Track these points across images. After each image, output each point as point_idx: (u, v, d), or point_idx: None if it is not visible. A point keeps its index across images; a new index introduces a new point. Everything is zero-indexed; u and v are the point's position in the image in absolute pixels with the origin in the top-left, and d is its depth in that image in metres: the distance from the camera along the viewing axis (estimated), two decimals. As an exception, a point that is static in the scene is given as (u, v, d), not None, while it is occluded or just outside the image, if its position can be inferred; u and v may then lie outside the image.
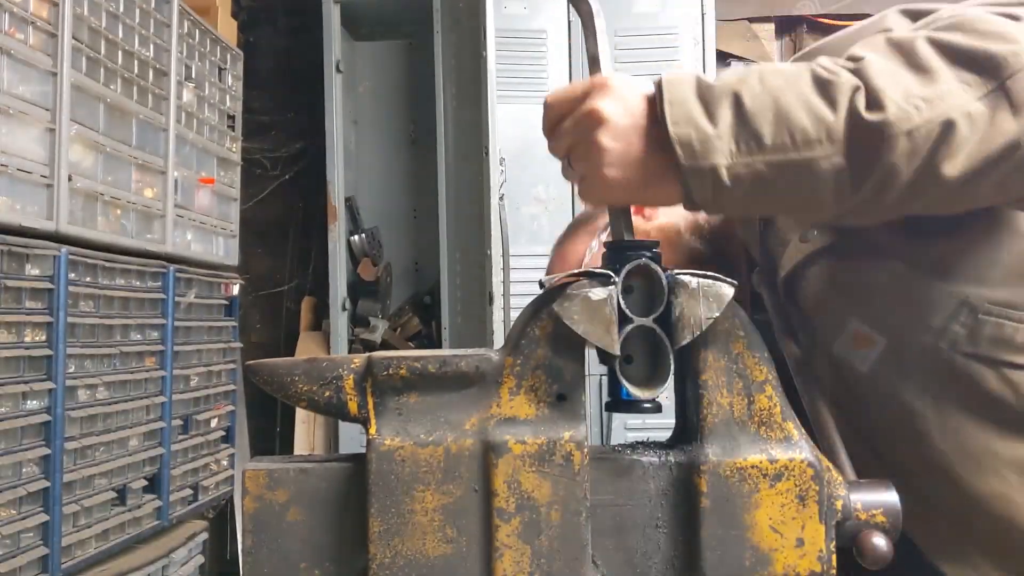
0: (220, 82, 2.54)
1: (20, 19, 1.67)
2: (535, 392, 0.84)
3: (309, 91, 3.42)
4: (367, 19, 3.41)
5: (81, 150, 1.87)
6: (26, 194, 1.70)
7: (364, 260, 3.27)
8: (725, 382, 0.83)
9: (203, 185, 2.44)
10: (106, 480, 1.94)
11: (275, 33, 3.79)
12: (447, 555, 0.82)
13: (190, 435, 2.34)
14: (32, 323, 1.69)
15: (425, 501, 0.82)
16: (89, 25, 1.88)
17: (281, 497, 0.85)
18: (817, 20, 4.08)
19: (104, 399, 1.93)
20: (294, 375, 0.86)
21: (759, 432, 0.83)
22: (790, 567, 0.81)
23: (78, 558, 1.82)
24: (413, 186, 3.49)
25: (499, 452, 0.81)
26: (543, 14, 3.17)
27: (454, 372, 0.84)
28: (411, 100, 3.50)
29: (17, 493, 1.63)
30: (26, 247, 1.65)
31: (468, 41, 2.90)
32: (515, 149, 3.05)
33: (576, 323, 0.80)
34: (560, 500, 0.81)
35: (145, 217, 2.13)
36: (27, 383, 1.66)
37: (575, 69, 3.17)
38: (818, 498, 0.81)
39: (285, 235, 3.74)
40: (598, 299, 0.80)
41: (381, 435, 0.83)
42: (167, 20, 2.20)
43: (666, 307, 0.82)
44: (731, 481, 0.81)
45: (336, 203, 3.17)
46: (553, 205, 3.15)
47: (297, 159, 3.72)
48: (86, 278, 1.86)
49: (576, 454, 0.82)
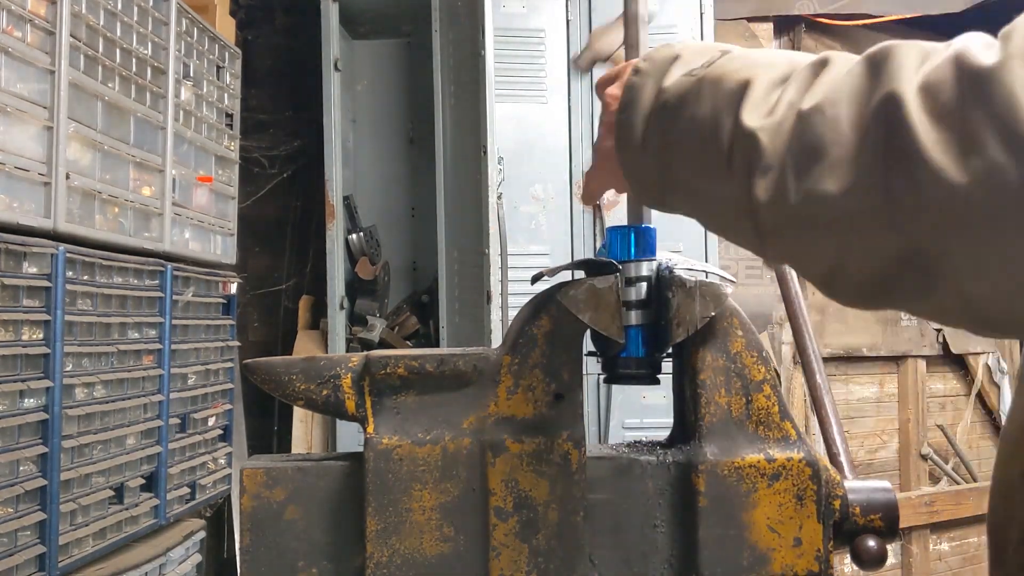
0: (218, 80, 2.54)
1: (18, 17, 1.67)
2: (533, 391, 0.84)
3: (307, 89, 3.41)
4: (365, 17, 3.41)
5: (79, 148, 1.87)
6: (23, 192, 1.69)
7: (362, 259, 3.26)
8: (723, 381, 0.83)
9: (201, 183, 2.44)
10: (103, 478, 1.94)
11: (273, 31, 3.78)
12: (445, 554, 0.82)
13: (187, 434, 2.33)
14: (29, 321, 1.68)
15: (423, 500, 0.82)
16: (87, 23, 1.87)
17: (278, 496, 0.85)
18: (815, 19, 4.09)
19: (101, 397, 1.93)
20: (292, 374, 0.86)
21: (757, 431, 0.83)
22: (788, 567, 0.81)
23: (75, 556, 1.82)
24: (411, 185, 3.49)
25: (497, 451, 0.82)
26: (541, 13, 3.17)
27: (452, 371, 0.84)
28: (409, 99, 3.50)
29: (14, 491, 1.63)
30: (23, 245, 1.65)
31: (466, 40, 2.89)
32: (513, 148, 3.05)
33: (582, 311, 0.80)
34: (558, 499, 0.82)
35: (143, 215, 2.12)
36: (24, 381, 1.66)
37: (573, 68, 3.16)
38: (816, 498, 0.81)
39: (283, 233, 3.74)
40: (603, 287, 0.81)
41: (379, 434, 0.83)
42: (165, 18, 2.20)
43: (663, 304, 0.82)
44: (729, 480, 0.81)
45: (334, 201, 3.17)
46: (551, 204, 3.15)
47: (295, 157, 3.72)
48: (83, 276, 1.86)
49: (574, 453, 0.82)
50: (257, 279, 3.68)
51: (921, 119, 0.53)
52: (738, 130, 0.62)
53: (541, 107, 3.15)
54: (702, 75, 0.69)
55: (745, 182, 0.62)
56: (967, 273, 0.54)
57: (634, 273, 0.83)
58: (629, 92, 0.74)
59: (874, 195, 0.55)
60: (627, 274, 0.83)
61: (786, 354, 3.98)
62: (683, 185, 0.70)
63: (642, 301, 0.83)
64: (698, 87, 0.68)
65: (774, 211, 0.61)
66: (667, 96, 0.71)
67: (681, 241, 2.97)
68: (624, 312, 0.82)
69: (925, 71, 0.55)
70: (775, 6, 3.98)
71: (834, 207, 0.57)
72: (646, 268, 0.84)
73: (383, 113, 3.52)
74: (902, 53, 0.57)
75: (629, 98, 0.74)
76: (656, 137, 0.71)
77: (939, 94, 0.53)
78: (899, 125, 0.54)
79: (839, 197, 0.56)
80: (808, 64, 0.64)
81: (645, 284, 0.84)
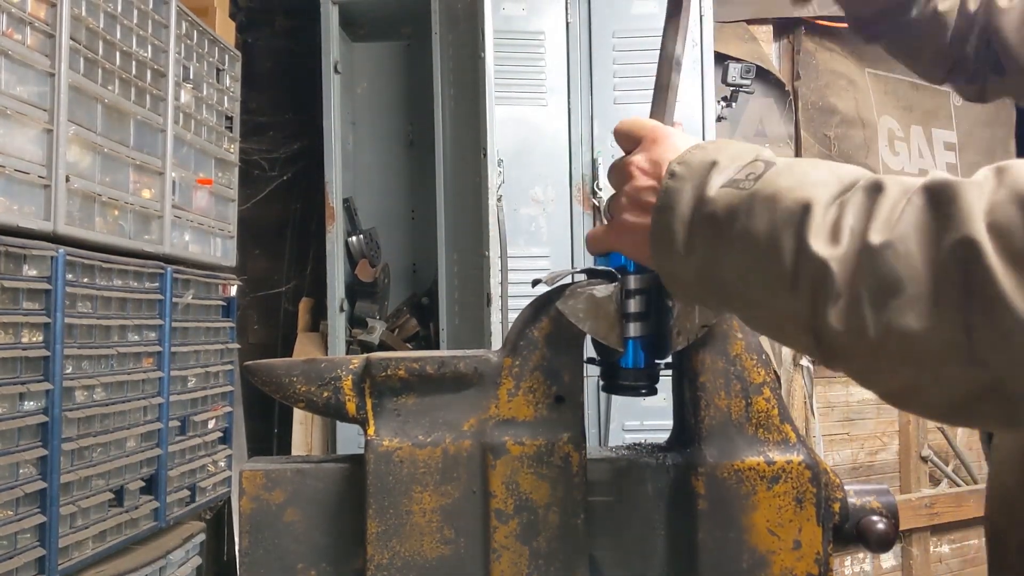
0: (218, 83, 2.54)
1: (18, 20, 1.67)
2: (533, 393, 0.84)
3: (307, 92, 3.42)
4: (365, 20, 3.41)
5: (79, 151, 1.87)
6: (23, 195, 1.69)
7: (362, 261, 3.26)
8: (723, 384, 0.83)
9: (201, 186, 2.44)
10: (103, 481, 1.94)
11: (273, 34, 3.79)
12: (445, 556, 0.82)
13: (187, 436, 2.33)
14: (29, 324, 1.68)
15: (423, 502, 0.82)
16: (87, 26, 1.87)
17: (278, 498, 0.85)
18: (815, 22, 4.09)
19: (101, 400, 1.93)
20: (292, 376, 0.86)
21: (757, 434, 0.83)
22: (787, 569, 0.81)
23: (75, 559, 1.82)
24: (411, 187, 3.49)
25: (497, 453, 0.82)
26: (541, 15, 3.17)
27: (452, 373, 0.84)
28: (409, 101, 3.50)
29: (14, 494, 1.63)
30: (23, 248, 1.65)
31: (466, 42, 2.90)
32: (513, 150, 3.05)
33: (581, 320, 0.80)
34: (558, 501, 0.82)
35: (143, 218, 2.13)
36: (24, 384, 1.66)
37: (573, 70, 3.17)
38: (815, 500, 0.81)
39: (283, 236, 3.74)
40: (603, 296, 0.81)
41: (379, 436, 0.83)
42: (165, 21, 2.20)
43: (663, 312, 0.82)
44: (729, 483, 0.81)
45: (334, 204, 3.17)
46: (551, 206, 3.15)
47: (295, 160, 3.72)
48: (83, 279, 1.86)
49: (574, 455, 0.82)
50: (257, 281, 3.68)
51: (998, 264, 0.57)
52: (805, 255, 0.65)
53: (541, 109, 3.15)
54: (752, 190, 0.70)
55: (814, 305, 0.65)
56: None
57: (634, 285, 0.83)
58: (666, 196, 0.75)
59: (955, 332, 0.59)
60: (627, 286, 0.83)
61: (786, 357, 3.98)
62: (735, 295, 0.72)
63: (642, 313, 0.83)
64: (750, 203, 0.70)
65: (850, 340, 0.64)
66: (714, 208, 0.72)
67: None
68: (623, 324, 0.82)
69: (988, 209, 0.59)
70: (774, 8, 3.98)
71: (915, 342, 0.61)
72: (646, 280, 0.84)
73: (383, 115, 3.52)
74: (965, 193, 0.60)
75: (666, 202, 0.75)
76: (702, 247, 0.73)
77: (1012, 238, 0.57)
78: (977, 269, 0.58)
79: (920, 333, 0.60)
80: (862, 188, 0.66)
81: (645, 296, 0.84)
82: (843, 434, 4.16)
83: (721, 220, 0.71)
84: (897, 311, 0.61)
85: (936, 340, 0.60)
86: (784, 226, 0.67)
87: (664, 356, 0.85)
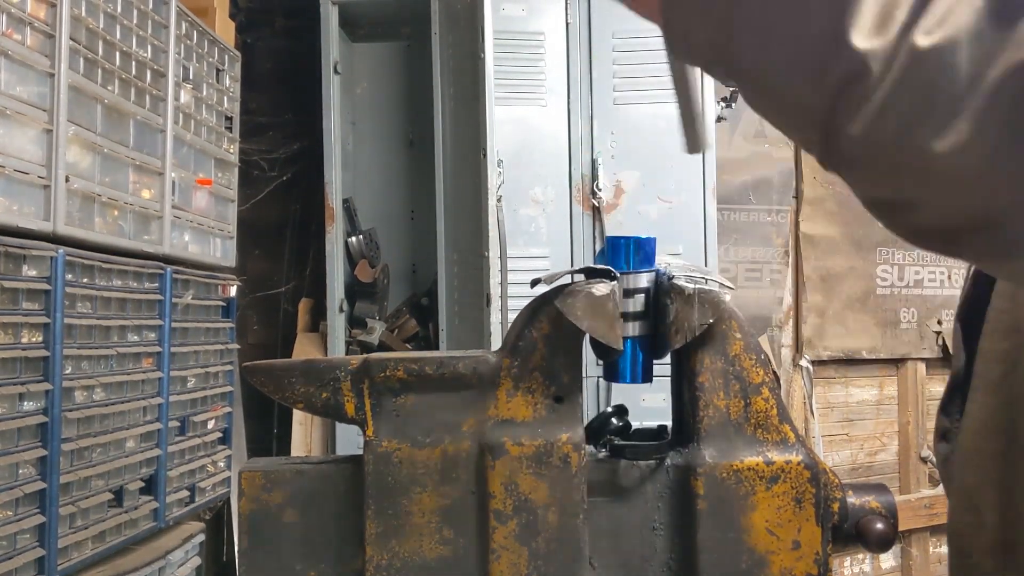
0: (218, 83, 2.54)
1: (17, 20, 1.67)
2: (532, 394, 0.84)
3: (307, 92, 3.42)
4: (365, 20, 3.41)
5: (78, 151, 1.87)
6: (23, 195, 1.69)
7: (361, 262, 3.27)
8: (722, 384, 0.83)
9: (200, 186, 2.44)
10: (103, 481, 1.94)
11: (273, 34, 3.79)
12: (444, 557, 0.82)
13: (187, 437, 2.33)
14: (29, 324, 1.68)
15: (422, 503, 0.82)
16: (87, 26, 1.87)
17: (277, 498, 0.85)
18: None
19: (101, 400, 1.93)
20: (292, 376, 0.86)
21: (756, 434, 0.83)
22: (786, 570, 0.81)
23: (75, 560, 1.82)
24: (411, 187, 3.49)
25: (496, 454, 0.82)
26: (541, 16, 3.17)
27: (451, 374, 0.84)
28: (409, 101, 3.50)
29: (14, 494, 1.63)
30: (23, 248, 1.65)
31: (466, 43, 2.90)
32: (513, 150, 3.05)
33: (580, 319, 0.80)
34: (557, 502, 0.82)
35: (142, 218, 2.13)
36: (24, 384, 1.66)
37: (573, 71, 3.17)
38: (815, 500, 0.81)
39: (282, 236, 3.74)
40: (602, 295, 0.81)
41: (378, 436, 0.83)
42: (165, 21, 2.20)
43: (661, 311, 0.82)
44: (728, 483, 0.81)
45: (334, 204, 3.17)
46: (550, 207, 3.15)
47: (295, 160, 3.73)
48: (83, 279, 1.86)
49: (573, 456, 0.82)
50: (256, 282, 3.68)
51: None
52: (841, 42, 0.55)
53: (541, 110, 3.15)
54: None
55: (835, 103, 0.56)
56: None
57: (632, 284, 0.83)
58: None
59: (976, 159, 0.52)
60: (626, 285, 0.83)
61: (785, 357, 3.98)
62: (744, 71, 0.60)
63: (640, 312, 0.83)
64: None
65: (864, 148, 0.56)
66: None
67: (680, 244, 2.97)
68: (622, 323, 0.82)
69: None
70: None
71: (936, 160, 0.54)
72: (645, 279, 0.84)
73: (383, 116, 3.52)
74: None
75: None
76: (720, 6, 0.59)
77: None
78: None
79: (944, 155, 0.53)
80: None
81: (643, 296, 0.84)
82: (842, 435, 4.16)
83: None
84: (927, 128, 0.53)
85: (953, 162, 0.53)
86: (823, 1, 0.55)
87: (662, 355, 0.85)
